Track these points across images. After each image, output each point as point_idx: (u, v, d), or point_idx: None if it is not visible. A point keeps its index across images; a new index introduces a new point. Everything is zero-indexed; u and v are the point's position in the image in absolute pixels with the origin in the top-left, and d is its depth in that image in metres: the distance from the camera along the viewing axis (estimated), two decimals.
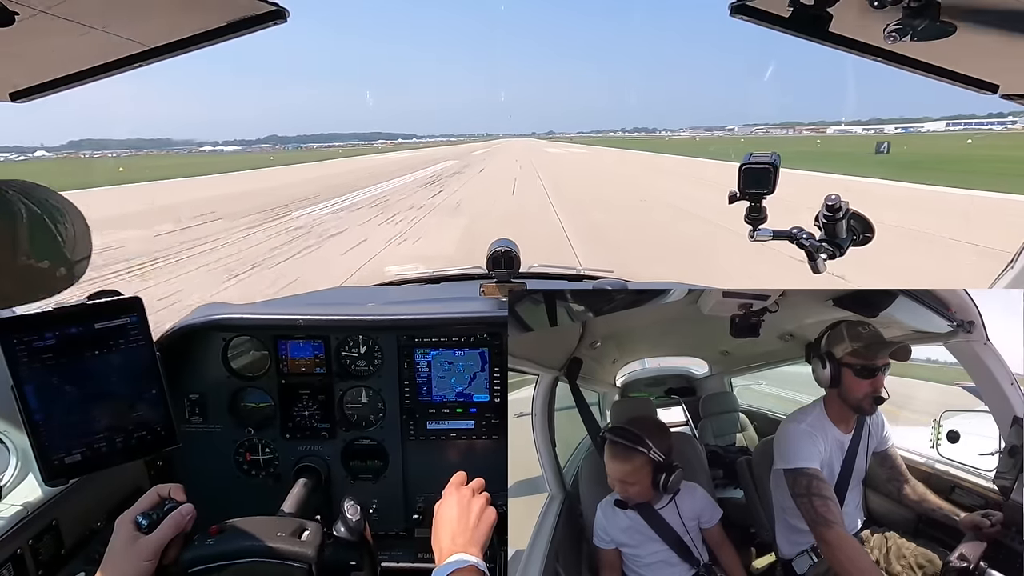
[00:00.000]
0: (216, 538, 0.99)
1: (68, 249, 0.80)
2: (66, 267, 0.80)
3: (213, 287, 8.65)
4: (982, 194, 16.77)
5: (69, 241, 0.80)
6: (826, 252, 1.18)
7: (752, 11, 0.88)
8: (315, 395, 1.60)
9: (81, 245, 0.82)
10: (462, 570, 0.98)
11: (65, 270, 0.80)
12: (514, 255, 1.70)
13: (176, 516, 0.96)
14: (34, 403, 0.91)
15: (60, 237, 0.78)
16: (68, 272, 0.80)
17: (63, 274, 0.80)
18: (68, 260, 0.80)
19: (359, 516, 1.07)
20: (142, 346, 1.00)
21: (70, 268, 0.80)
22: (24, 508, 1.15)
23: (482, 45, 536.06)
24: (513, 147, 73.77)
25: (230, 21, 0.91)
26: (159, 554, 0.92)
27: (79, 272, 0.83)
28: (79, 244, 0.82)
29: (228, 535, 1.00)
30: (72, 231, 0.80)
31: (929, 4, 0.71)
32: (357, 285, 2.33)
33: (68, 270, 0.80)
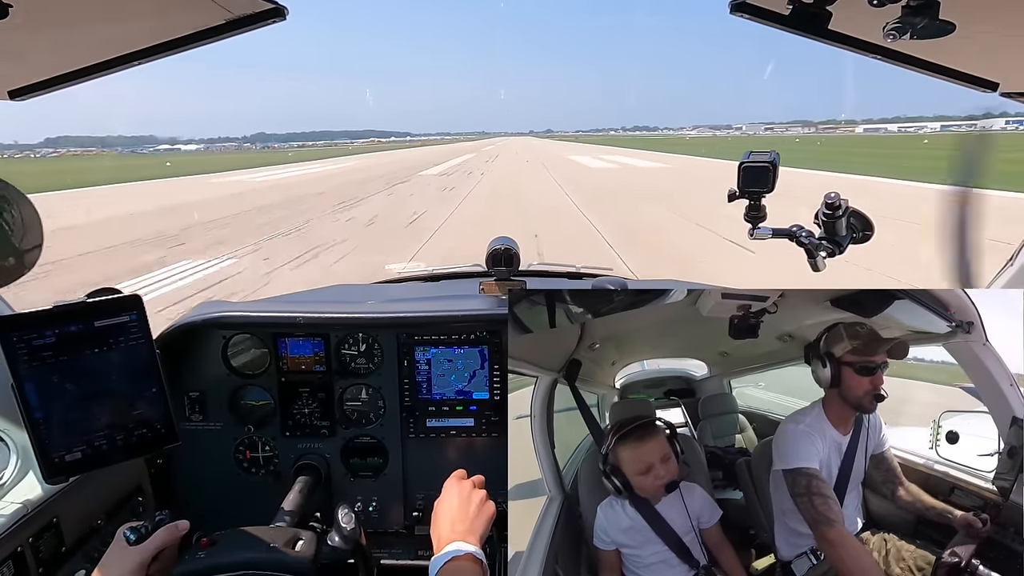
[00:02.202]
0: (207, 551, 0.98)
1: (16, 238, 0.79)
2: (15, 256, 0.79)
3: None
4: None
5: (17, 230, 0.79)
6: (825, 250, 1.17)
7: (752, 9, 0.87)
8: (315, 393, 1.60)
9: (31, 234, 0.81)
10: (460, 558, 0.98)
11: (14, 259, 0.79)
12: (513, 253, 1.70)
13: (167, 529, 0.96)
14: (34, 401, 0.92)
15: (6, 226, 0.78)
16: (18, 261, 0.80)
17: (12, 264, 0.79)
18: (17, 249, 0.79)
19: (354, 524, 1.07)
20: (142, 344, 1.00)
21: (19, 257, 0.80)
22: (24, 506, 1.15)
23: (480, 42, 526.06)
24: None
25: (229, 19, 0.91)
26: (146, 567, 0.92)
27: (30, 261, 0.82)
28: (28, 233, 0.81)
29: (219, 548, 1.00)
30: (19, 219, 0.80)
31: (929, 2, 0.70)
32: (358, 283, 2.33)
33: (18, 259, 0.79)
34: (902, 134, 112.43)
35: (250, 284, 8.51)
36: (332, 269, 9.41)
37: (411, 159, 54.12)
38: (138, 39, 0.96)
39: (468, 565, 0.98)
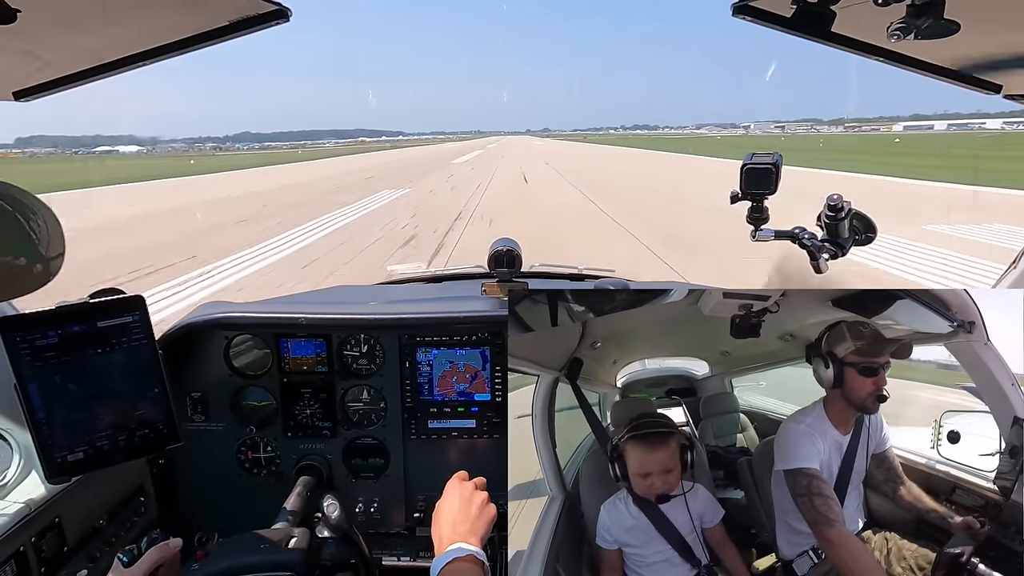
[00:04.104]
0: (202, 563, 0.99)
1: (43, 246, 0.80)
2: (42, 264, 0.80)
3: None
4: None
5: (43, 238, 0.80)
6: (828, 252, 1.17)
7: (754, 11, 0.87)
8: (317, 394, 1.60)
9: (55, 242, 0.82)
10: (461, 559, 0.98)
11: (41, 267, 0.80)
12: (515, 254, 1.70)
13: (159, 548, 0.95)
14: (37, 401, 0.92)
15: (34, 234, 0.79)
16: (44, 269, 0.80)
17: (39, 271, 0.80)
18: (43, 257, 0.80)
19: (339, 511, 1.08)
20: (144, 344, 1.00)
21: (46, 265, 0.81)
22: (27, 506, 1.15)
23: (478, 39, 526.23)
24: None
25: (232, 21, 0.91)
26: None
27: (55, 268, 0.83)
28: (53, 241, 0.82)
29: (214, 558, 1.00)
30: (45, 228, 0.81)
31: (933, 2, 0.70)
32: (359, 284, 2.34)
33: (44, 267, 0.80)
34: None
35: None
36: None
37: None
38: (142, 40, 0.96)
39: (470, 566, 0.97)
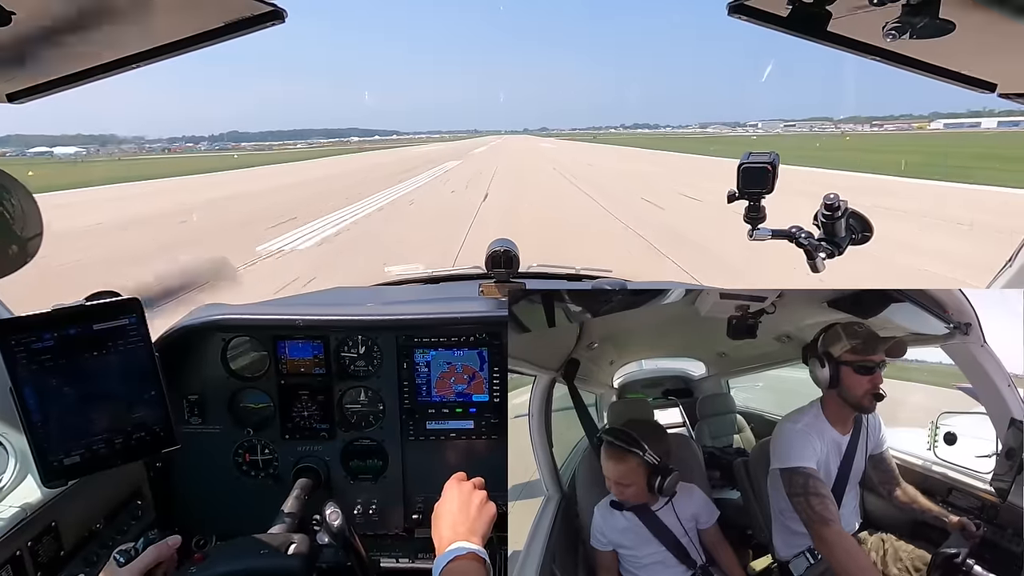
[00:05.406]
0: (199, 566, 0.97)
1: (18, 227, 0.79)
2: (18, 244, 0.79)
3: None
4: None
5: (18, 219, 0.79)
6: (825, 251, 1.17)
7: (750, 11, 0.87)
8: (314, 395, 1.60)
9: (31, 222, 0.82)
10: (463, 557, 0.98)
11: (17, 248, 0.79)
12: (513, 255, 1.70)
13: (157, 547, 0.94)
14: (32, 404, 0.92)
15: (8, 215, 0.78)
16: (21, 250, 0.80)
17: (15, 252, 0.79)
18: (20, 238, 0.79)
19: (340, 520, 1.07)
20: (141, 347, 1.00)
21: (22, 245, 0.80)
22: (23, 510, 1.15)
23: (475, 37, 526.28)
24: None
25: (228, 22, 0.91)
26: None
27: (32, 249, 0.82)
28: (29, 221, 0.81)
29: (211, 561, 0.99)
30: (20, 208, 0.80)
31: (928, 1, 0.70)
32: (357, 286, 2.34)
33: (21, 248, 0.80)
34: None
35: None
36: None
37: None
38: (137, 42, 0.96)
39: (471, 564, 0.98)
